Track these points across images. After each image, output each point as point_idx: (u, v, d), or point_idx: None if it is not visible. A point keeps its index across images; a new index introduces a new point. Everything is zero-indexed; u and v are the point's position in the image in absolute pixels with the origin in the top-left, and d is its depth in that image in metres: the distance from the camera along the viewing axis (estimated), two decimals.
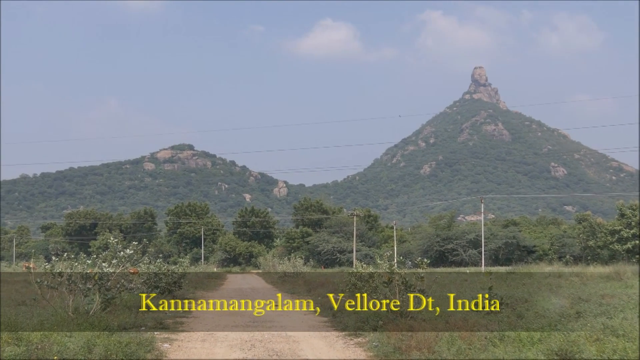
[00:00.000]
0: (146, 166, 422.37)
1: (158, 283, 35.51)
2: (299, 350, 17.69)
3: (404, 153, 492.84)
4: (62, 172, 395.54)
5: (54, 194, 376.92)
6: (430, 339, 16.22)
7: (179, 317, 26.60)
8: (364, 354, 17.02)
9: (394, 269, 22.02)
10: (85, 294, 22.33)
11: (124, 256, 24.14)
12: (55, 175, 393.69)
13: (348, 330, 21.46)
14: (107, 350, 15.02)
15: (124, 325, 20.86)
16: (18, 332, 15.95)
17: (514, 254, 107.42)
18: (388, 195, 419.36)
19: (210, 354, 17.10)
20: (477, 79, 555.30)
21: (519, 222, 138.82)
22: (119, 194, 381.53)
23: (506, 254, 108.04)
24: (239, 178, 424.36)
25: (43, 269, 23.19)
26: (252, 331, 21.94)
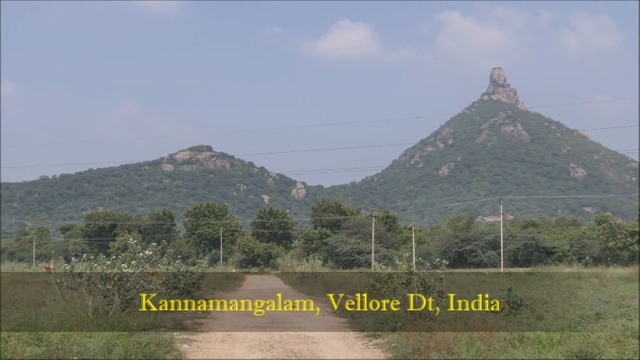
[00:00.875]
0: (165, 167, 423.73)
1: (177, 284, 35.58)
2: (317, 351, 17.69)
3: (423, 154, 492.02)
4: (82, 173, 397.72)
5: (73, 195, 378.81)
6: (449, 340, 16.18)
7: (198, 318, 26.66)
8: (382, 355, 17.00)
9: (412, 270, 21.98)
10: (105, 294, 22.39)
11: (143, 257, 24.19)
12: (74, 177, 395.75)
13: (367, 331, 21.43)
14: (127, 351, 15.06)
15: (143, 325, 20.92)
16: (38, 332, 16.01)
17: (533, 255, 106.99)
18: (406, 196, 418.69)
19: (229, 354, 17.12)
20: (495, 80, 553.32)
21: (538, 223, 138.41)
22: (138, 195, 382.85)
23: (525, 255, 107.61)
24: (257, 179, 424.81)
25: (63, 270, 23.28)
26: (271, 332, 21.97)
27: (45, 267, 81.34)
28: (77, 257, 24.60)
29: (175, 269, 36.26)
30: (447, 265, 22.65)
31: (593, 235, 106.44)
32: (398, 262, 23.21)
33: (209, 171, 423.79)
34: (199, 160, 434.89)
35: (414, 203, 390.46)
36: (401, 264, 22.76)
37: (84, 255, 24.07)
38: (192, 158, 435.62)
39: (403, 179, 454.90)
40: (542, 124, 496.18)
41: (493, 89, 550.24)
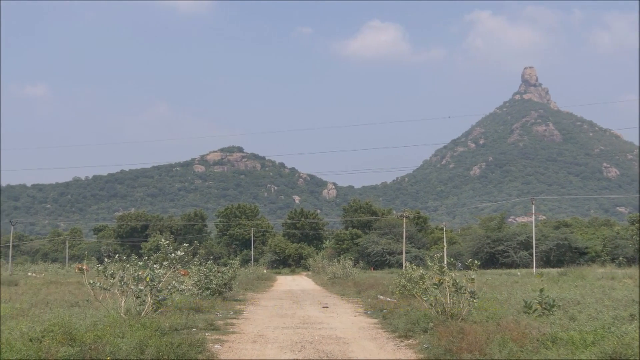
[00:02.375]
0: (196, 168, 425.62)
1: (208, 284, 35.72)
2: (349, 352, 17.66)
3: (454, 154, 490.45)
4: (114, 174, 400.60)
5: (105, 197, 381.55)
6: (481, 341, 16.08)
7: (229, 319, 26.71)
8: (414, 356, 16.95)
9: (444, 270, 21.90)
10: (137, 295, 22.51)
11: (174, 258, 24.29)
12: (107, 178, 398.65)
13: (398, 332, 21.37)
14: (159, 351, 15.13)
15: (175, 326, 21.02)
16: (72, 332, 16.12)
17: (566, 255, 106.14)
18: (437, 196, 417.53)
19: (260, 355, 17.14)
20: (527, 79, 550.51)
21: (570, 223, 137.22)
22: (169, 196, 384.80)
23: (558, 255, 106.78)
24: (288, 180, 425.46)
25: (95, 271, 23.43)
26: (302, 332, 21.98)
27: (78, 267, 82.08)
28: (110, 258, 24.77)
29: (207, 270, 36.44)
30: (479, 266, 22.52)
31: (626, 236, 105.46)
32: (430, 262, 23.13)
33: (240, 172, 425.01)
34: (230, 161, 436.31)
35: (445, 203, 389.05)
36: (433, 264, 22.68)
37: (117, 256, 24.23)
38: (223, 159, 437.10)
39: (434, 179, 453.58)
40: (574, 124, 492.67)
41: (524, 88, 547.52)
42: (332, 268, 68.13)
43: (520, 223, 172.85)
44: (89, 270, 47.58)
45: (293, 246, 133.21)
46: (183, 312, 25.56)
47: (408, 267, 27.41)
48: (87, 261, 75.13)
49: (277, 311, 30.92)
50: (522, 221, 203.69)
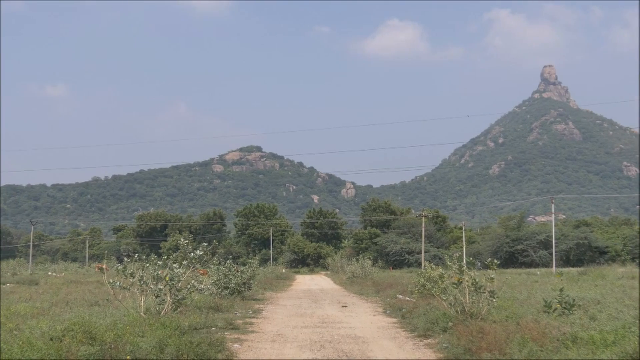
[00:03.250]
0: (215, 168, 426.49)
1: (227, 284, 35.79)
2: (368, 351, 17.65)
3: (473, 153, 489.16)
4: (133, 174, 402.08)
5: (125, 196, 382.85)
6: (501, 341, 16.02)
7: (248, 318, 26.76)
8: (434, 355, 16.92)
9: (463, 270, 21.84)
10: (157, 294, 22.58)
11: (194, 257, 24.37)
12: (126, 178, 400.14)
13: (417, 332, 21.37)
14: (179, 350, 15.17)
15: (194, 325, 21.08)
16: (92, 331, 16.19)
17: (586, 255, 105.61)
18: (456, 195, 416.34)
19: (280, 354, 17.16)
20: (546, 78, 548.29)
21: (590, 222, 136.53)
22: (188, 196, 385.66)
23: (577, 255, 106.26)
24: (306, 179, 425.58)
25: (115, 270, 23.53)
26: (322, 332, 21.98)
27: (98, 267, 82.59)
28: (129, 258, 24.85)
29: (226, 269, 36.51)
30: (498, 265, 22.47)
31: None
32: (449, 262, 23.08)
33: (259, 171, 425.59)
34: (248, 161, 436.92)
35: (464, 202, 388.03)
36: (452, 263, 22.63)
37: (136, 256, 24.32)
38: (242, 158, 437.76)
39: (453, 178, 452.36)
40: (594, 122, 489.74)
41: (544, 87, 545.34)
42: (350, 267, 68.11)
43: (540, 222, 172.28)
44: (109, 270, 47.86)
45: (312, 245, 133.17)
46: (202, 312, 25.64)
47: (427, 267, 27.38)
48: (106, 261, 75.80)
49: (296, 310, 30.96)
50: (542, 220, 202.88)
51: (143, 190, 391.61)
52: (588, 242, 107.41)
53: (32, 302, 30.84)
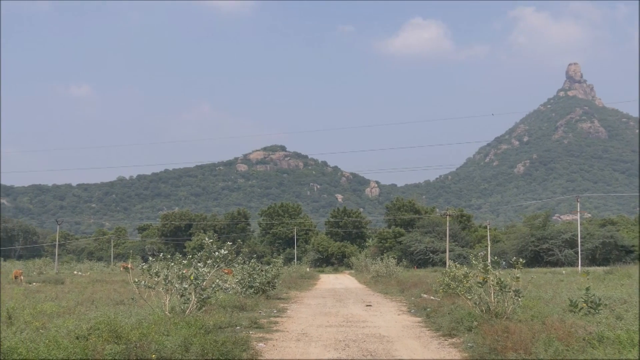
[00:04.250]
0: (239, 167, 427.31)
1: (252, 283, 35.86)
2: (393, 350, 17.61)
3: (497, 152, 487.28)
4: (158, 174, 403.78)
5: (149, 196, 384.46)
6: (526, 340, 15.93)
7: (273, 317, 26.79)
8: (459, 355, 16.86)
9: (488, 269, 21.75)
10: (182, 293, 22.65)
11: (218, 256, 24.42)
12: (151, 177, 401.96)
13: (442, 331, 21.30)
14: (204, 349, 15.21)
15: (219, 324, 21.13)
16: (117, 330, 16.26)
17: (612, 253, 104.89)
18: (481, 194, 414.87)
19: (304, 353, 17.15)
20: (571, 76, 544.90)
21: (616, 221, 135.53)
22: (212, 195, 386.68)
23: (603, 253, 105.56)
24: (330, 178, 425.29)
25: (140, 269, 23.63)
26: (346, 331, 21.97)
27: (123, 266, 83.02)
28: (154, 257, 24.94)
29: (250, 268, 36.58)
30: (524, 264, 22.36)
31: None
32: (474, 261, 23.00)
33: (283, 171, 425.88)
34: (272, 160, 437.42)
35: (489, 201, 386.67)
36: (477, 263, 22.55)
37: (161, 255, 24.41)
38: (266, 158, 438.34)
39: (477, 177, 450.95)
40: (619, 120, 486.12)
41: (569, 85, 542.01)
42: (375, 266, 68.00)
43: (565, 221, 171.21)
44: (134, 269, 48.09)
45: (336, 245, 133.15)
46: (227, 311, 25.72)
47: (452, 266, 27.29)
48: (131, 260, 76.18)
49: (321, 309, 30.95)
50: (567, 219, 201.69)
51: (168, 190, 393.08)
52: (614, 241, 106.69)
53: (58, 301, 31.05)
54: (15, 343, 13.86)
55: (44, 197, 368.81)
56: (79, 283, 52.09)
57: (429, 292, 35.88)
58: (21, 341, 14.26)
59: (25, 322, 20.71)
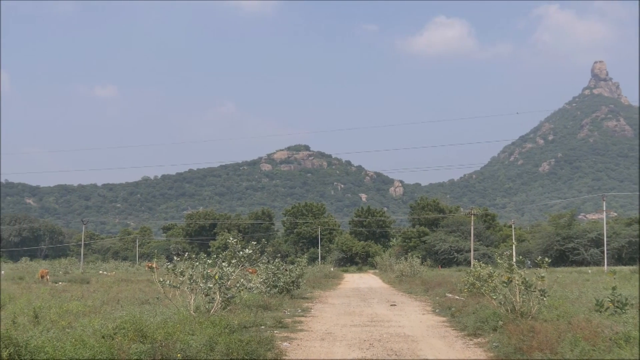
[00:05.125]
0: (263, 167, 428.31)
1: (276, 282, 35.93)
2: (418, 350, 17.58)
3: (522, 151, 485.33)
4: (182, 174, 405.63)
5: (174, 196, 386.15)
6: (552, 340, 15.85)
7: (297, 316, 26.82)
8: (484, 355, 16.80)
9: (513, 268, 21.64)
10: (206, 293, 22.71)
11: (243, 256, 24.48)
12: (175, 177, 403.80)
13: (467, 331, 21.26)
14: (229, 349, 15.24)
15: (244, 323, 21.18)
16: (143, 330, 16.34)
17: (638, 253, 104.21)
18: (506, 193, 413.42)
19: (329, 353, 17.16)
20: (597, 74, 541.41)
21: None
22: (237, 195, 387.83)
23: (630, 253, 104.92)
24: (354, 178, 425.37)
25: (165, 269, 23.73)
26: (371, 330, 21.95)
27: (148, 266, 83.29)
28: (179, 256, 25.03)
29: (274, 268, 36.65)
30: (549, 264, 22.22)
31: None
32: (499, 260, 22.92)
33: (307, 170, 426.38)
34: (296, 160, 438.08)
35: (514, 200, 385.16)
36: (502, 262, 22.47)
37: (186, 255, 24.50)
38: (290, 157, 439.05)
39: (502, 176, 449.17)
40: None
41: (594, 83, 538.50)
42: (399, 266, 67.95)
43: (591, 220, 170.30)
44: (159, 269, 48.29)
45: (360, 244, 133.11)
46: (251, 310, 25.76)
47: (476, 265, 27.21)
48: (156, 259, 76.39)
49: (345, 309, 30.95)
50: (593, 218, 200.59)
51: (192, 190, 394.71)
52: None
53: (83, 300, 31.21)
54: (42, 342, 13.95)
55: (70, 197, 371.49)
56: (105, 282, 52.35)
57: (453, 291, 35.80)
58: (48, 340, 14.34)
59: (52, 321, 20.84)
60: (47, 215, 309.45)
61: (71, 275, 67.18)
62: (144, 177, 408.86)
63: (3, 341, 13.00)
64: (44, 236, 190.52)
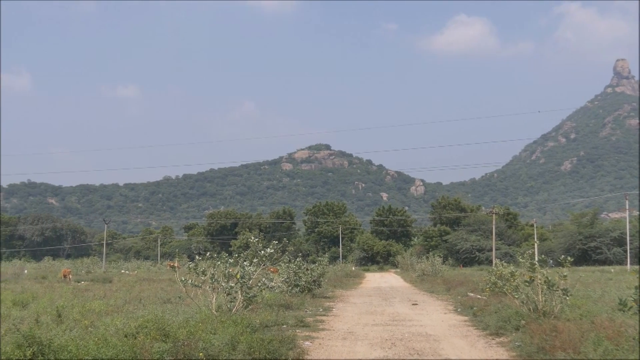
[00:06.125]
0: (284, 166, 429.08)
1: (298, 282, 35.94)
2: (440, 349, 17.53)
3: (544, 149, 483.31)
4: (203, 173, 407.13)
5: (195, 195, 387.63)
6: (575, 339, 15.76)
7: (319, 315, 26.81)
8: (506, 354, 16.73)
9: (535, 267, 21.54)
10: (228, 292, 22.75)
11: (264, 255, 24.49)
12: (196, 177, 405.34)
13: (489, 330, 21.17)
14: (251, 348, 15.25)
15: (265, 323, 21.19)
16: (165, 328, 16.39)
17: None
18: (527, 192, 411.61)
19: (351, 352, 17.13)
20: (619, 72, 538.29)
21: None
22: (258, 194, 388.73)
23: None
24: (375, 177, 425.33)
25: (187, 268, 23.79)
26: (392, 330, 21.92)
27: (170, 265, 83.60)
28: (201, 256, 25.09)
29: (295, 267, 36.67)
30: (571, 263, 22.08)
31: None
32: (520, 259, 22.81)
33: (328, 169, 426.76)
34: (317, 159, 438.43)
35: (536, 199, 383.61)
36: (524, 261, 22.36)
37: (207, 254, 24.55)
38: (311, 157, 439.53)
39: (524, 174, 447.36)
40: None
41: (617, 81, 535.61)
42: (420, 265, 67.79)
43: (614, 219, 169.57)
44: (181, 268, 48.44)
45: (381, 243, 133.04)
46: (273, 309, 25.78)
47: (498, 264, 27.11)
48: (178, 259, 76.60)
49: (367, 308, 30.91)
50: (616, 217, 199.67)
51: (213, 189, 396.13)
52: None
53: (106, 299, 31.40)
54: (65, 341, 14.02)
55: (92, 196, 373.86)
56: (127, 282, 52.59)
57: (475, 290, 35.69)
58: (71, 339, 14.41)
59: (75, 321, 20.98)
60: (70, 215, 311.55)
61: (93, 275, 67.55)
62: (166, 177, 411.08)
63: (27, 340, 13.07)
64: (67, 236, 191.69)
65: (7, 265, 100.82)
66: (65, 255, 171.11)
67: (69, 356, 13.08)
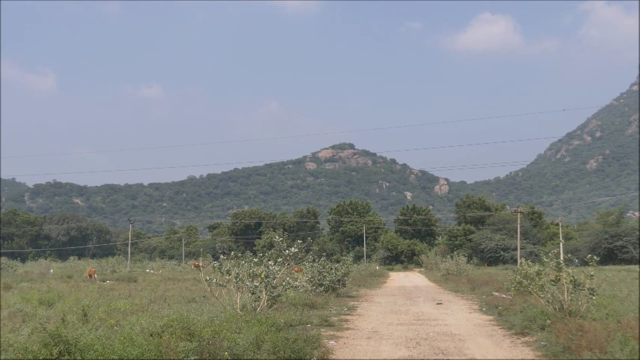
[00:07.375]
0: (308, 166, 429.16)
1: (322, 281, 35.95)
2: (465, 348, 17.48)
3: (569, 148, 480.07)
4: (227, 173, 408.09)
5: (219, 195, 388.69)
6: (601, 339, 15.65)
7: (343, 315, 26.81)
8: (532, 354, 16.64)
9: (561, 266, 21.42)
10: (252, 291, 22.79)
11: (288, 254, 24.52)
12: (220, 176, 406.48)
13: (514, 329, 21.08)
14: (275, 347, 15.26)
15: (290, 322, 21.19)
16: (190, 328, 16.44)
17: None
18: (552, 191, 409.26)
19: (375, 351, 17.11)
20: None
21: None
22: (282, 194, 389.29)
23: None
24: (399, 176, 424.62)
25: (211, 268, 23.85)
26: (417, 329, 21.88)
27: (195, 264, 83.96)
28: (225, 255, 25.15)
29: (320, 266, 36.68)
30: (597, 262, 21.95)
31: None
32: (545, 258, 22.70)
33: (352, 169, 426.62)
34: (341, 158, 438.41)
35: (561, 198, 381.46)
36: (549, 260, 22.25)
37: (232, 253, 24.61)
38: (335, 156, 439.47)
39: (549, 173, 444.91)
40: None
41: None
42: (445, 264, 67.61)
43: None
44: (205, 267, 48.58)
45: (405, 242, 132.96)
46: (297, 308, 25.80)
47: (523, 263, 26.99)
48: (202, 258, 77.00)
49: (391, 307, 30.88)
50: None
51: (237, 189, 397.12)
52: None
53: (131, 298, 31.53)
54: (91, 340, 14.09)
55: (117, 196, 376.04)
56: (151, 281, 52.84)
57: (500, 290, 35.58)
58: (97, 338, 14.50)
59: (100, 320, 21.10)
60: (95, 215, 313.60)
61: (118, 274, 67.92)
62: (190, 177, 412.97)
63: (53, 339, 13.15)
64: (92, 235, 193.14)
65: (33, 265, 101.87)
66: (91, 254, 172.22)
67: (95, 355, 13.16)
